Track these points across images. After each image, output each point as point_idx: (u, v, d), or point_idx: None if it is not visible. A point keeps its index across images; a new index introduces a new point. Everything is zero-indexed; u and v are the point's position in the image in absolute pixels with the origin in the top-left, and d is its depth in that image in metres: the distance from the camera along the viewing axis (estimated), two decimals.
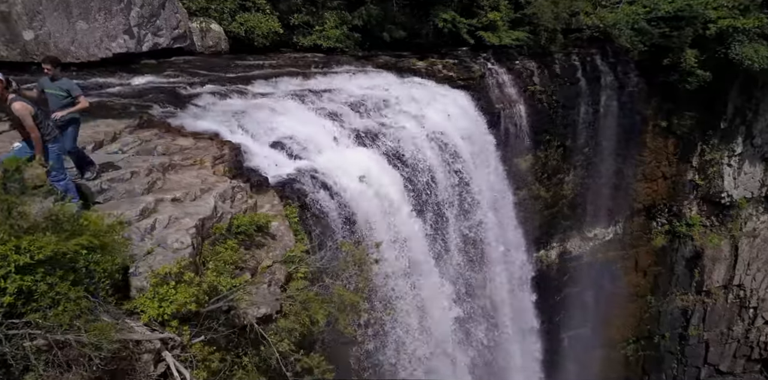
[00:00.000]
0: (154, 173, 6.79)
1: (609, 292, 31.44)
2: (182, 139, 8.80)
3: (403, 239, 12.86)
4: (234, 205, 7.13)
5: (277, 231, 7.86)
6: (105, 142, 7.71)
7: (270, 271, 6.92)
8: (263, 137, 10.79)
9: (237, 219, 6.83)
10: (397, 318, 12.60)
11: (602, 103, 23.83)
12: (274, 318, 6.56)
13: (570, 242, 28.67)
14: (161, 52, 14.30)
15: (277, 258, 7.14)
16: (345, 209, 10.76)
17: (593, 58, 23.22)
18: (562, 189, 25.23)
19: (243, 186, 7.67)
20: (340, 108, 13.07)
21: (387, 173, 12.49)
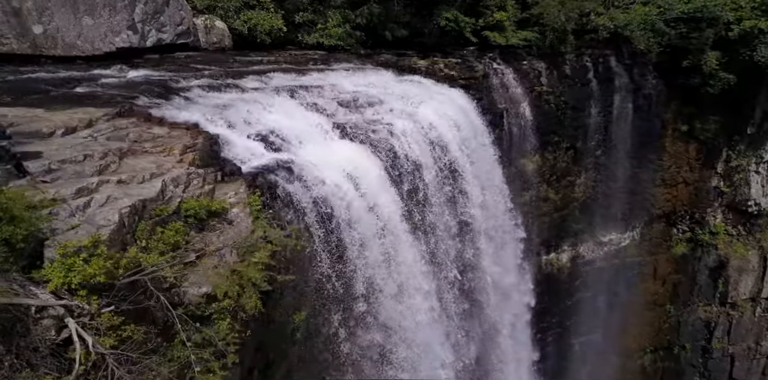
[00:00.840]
0: (109, 157, 7.22)
1: (624, 299, 30.85)
2: (158, 128, 9.24)
3: (391, 235, 13.08)
4: (188, 190, 7.48)
5: (236, 217, 8.21)
6: (79, 128, 8.19)
7: (219, 254, 7.25)
8: (244, 129, 11.15)
9: (186, 203, 7.19)
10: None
11: (615, 105, 23.47)
12: (219, 298, 6.89)
13: (583, 246, 28.32)
14: (165, 48, 14.89)
15: (228, 243, 7.48)
16: (321, 200, 11.04)
17: (607, 60, 22.89)
18: (573, 191, 24.94)
19: (201, 172, 8.02)
20: (329, 104, 13.36)
21: (371, 167, 12.70)
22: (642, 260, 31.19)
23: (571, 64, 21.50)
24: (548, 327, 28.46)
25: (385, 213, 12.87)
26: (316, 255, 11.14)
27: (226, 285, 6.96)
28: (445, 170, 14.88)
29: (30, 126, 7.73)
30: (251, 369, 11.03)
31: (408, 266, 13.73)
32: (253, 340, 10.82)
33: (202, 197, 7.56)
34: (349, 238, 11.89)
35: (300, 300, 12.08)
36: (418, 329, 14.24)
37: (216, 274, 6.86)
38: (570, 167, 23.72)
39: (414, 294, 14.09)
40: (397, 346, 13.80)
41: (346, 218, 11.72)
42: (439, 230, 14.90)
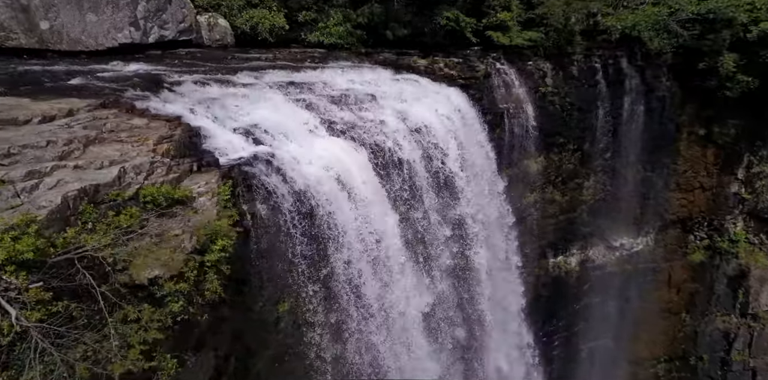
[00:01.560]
0: (73, 144, 7.59)
1: (636, 306, 30.35)
2: (138, 119, 9.62)
3: (378, 232, 13.25)
4: (150, 178, 7.81)
5: (202, 206, 8.51)
6: (57, 117, 8.62)
7: (177, 239, 7.55)
8: (229, 123, 11.48)
9: (145, 190, 7.52)
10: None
11: (625, 108, 23.16)
12: (175, 281, 7.20)
13: (593, 250, 28.00)
14: (168, 44, 15.39)
15: (188, 229, 7.78)
16: (300, 193, 11.28)
17: (618, 61, 22.61)
18: (581, 194, 24.69)
19: (167, 161, 8.34)
20: (319, 100, 13.60)
21: (356, 163, 12.90)
22: (656, 266, 30.60)
23: (579, 65, 21.31)
24: (555, 331, 28.21)
25: (370, 209, 13.06)
26: (293, 247, 11.38)
27: (180, 268, 7.26)
28: (435, 168, 14.98)
29: (9, 113, 8.18)
30: (227, 356, 11.38)
31: (393, 263, 13.91)
32: (229, 327, 11.20)
33: (164, 185, 7.88)
34: (330, 234, 12.11)
35: (284, 291, 12.37)
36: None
37: (171, 258, 7.16)
38: (577, 169, 23.49)
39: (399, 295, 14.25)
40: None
41: (326, 212, 11.94)
42: (429, 228, 15.00)
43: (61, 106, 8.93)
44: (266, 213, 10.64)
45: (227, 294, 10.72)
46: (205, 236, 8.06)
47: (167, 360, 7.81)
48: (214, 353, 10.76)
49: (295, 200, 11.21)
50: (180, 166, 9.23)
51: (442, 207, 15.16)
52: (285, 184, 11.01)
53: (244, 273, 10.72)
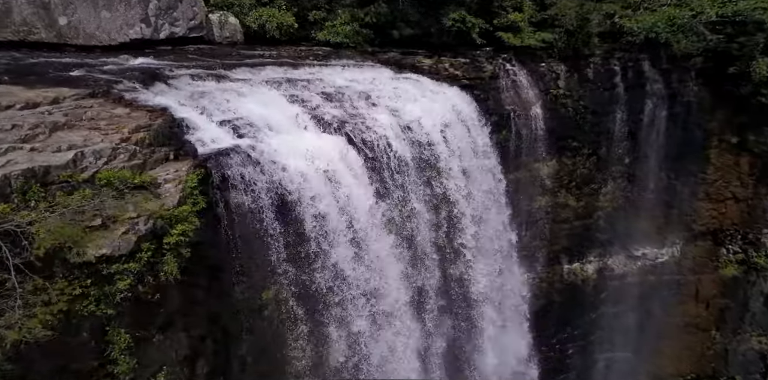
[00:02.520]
0: (39, 128, 8.20)
1: (659, 319, 29.31)
2: (120, 109, 10.23)
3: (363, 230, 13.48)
4: (111, 163, 8.33)
5: (166, 192, 9.00)
6: (42, 104, 9.29)
7: (132, 222, 8.05)
8: (216, 115, 11.98)
9: (102, 174, 8.05)
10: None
11: (646, 113, 22.48)
12: (123, 260, 7.70)
13: (612, 258, 27.26)
14: (179, 40, 16.14)
15: (145, 213, 8.27)
16: (278, 185, 11.67)
17: (639, 64, 21.97)
18: (597, 200, 24.14)
19: (132, 148, 8.86)
20: (312, 96, 13.97)
21: (342, 158, 13.19)
22: (682, 279, 29.46)
23: (596, 68, 20.88)
24: (569, 339, 27.66)
25: (354, 205, 13.31)
26: (271, 238, 11.76)
27: (130, 249, 7.75)
28: (426, 166, 15.09)
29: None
30: (203, 338, 11.89)
31: (378, 261, 14.07)
32: (204, 311, 11.70)
33: (124, 170, 8.40)
34: (310, 227, 12.42)
35: (266, 279, 12.77)
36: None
37: (122, 239, 7.66)
38: (593, 174, 22.99)
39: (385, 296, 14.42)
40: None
41: (307, 205, 12.27)
42: (418, 227, 15.10)
43: (48, 94, 9.63)
44: (240, 203, 11.07)
45: (201, 279, 11.29)
46: (162, 220, 8.53)
47: (120, 335, 8.33)
48: (186, 334, 11.28)
49: (273, 191, 11.59)
50: (154, 154, 9.78)
51: (431, 202, 15.24)
52: (262, 174, 11.41)
53: (218, 260, 11.18)
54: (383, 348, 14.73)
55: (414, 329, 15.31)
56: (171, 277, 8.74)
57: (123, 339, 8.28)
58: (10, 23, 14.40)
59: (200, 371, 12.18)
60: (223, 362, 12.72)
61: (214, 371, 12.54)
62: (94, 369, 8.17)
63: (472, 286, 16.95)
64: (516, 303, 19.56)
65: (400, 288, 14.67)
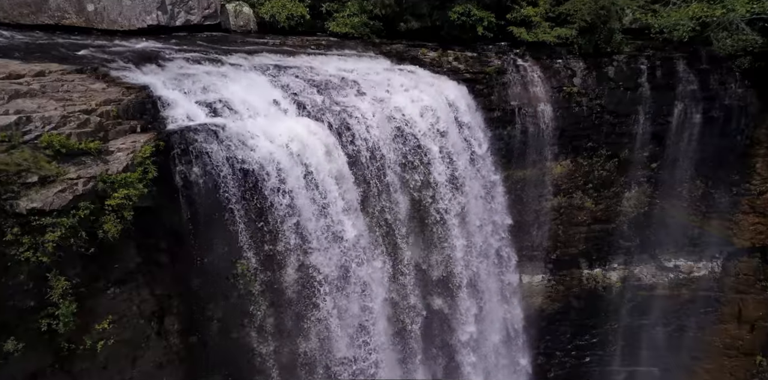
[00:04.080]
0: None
1: (693, 337, 27.76)
2: (99, 84, 11.39)
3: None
4: (60, 129, 9.41)
5: (115, 160, 10.03)
6: (26, 76, 10.58)
7: (71, 182, 9.12)
8: (196, 96, 12.93)
9: (44, 137, 9.14)
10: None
11: (675, 115, 21.32)
12: (55, 215, 8.78)
13: (640, 267, 26.13)
14: (194, 28, 17.40)
15: (86, 175, 9.32)
16: (244, 164, 12.43)
17: (672, 63, 20.85)
18: (620, 204, 23.25)
19: (84, 118, 9.90)
20: (299, 83, 14.64)
21: (318, 142, 13.76)
22: (722, 297, 27.65)
23: (618, 66, 20.10)
24: (587, 347, 26.86)
25: (327, 188, 13.86)
26: (231, 212, 12.52)
27: (64, 205, 8.82)
28: (408, 157, 15.35)
29: None
30: (169, 296, 12.97)
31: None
32: (168, 272, 12.73)
33: (72, 137, 9.48)
34: (277, 208, 13.07)
35: (237, 251, 13.59)
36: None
37: (56, 196, 8.74)
38: (614, 178, 22.15)
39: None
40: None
41: (275, 186, 12.94)
42: (396, 216, 15.38)
43: (35, 68, 10.95)
44: (202, 177, 11.94)
45: (162, 242, 12.33)
46: (104, 183, 9.56)
47: (59, 281, 9.46)
48: (149, 291, 12.39)
49: (237, 168, 12.37)
50: (119, 126, 10.88)
51: (410, 192, 15.50)
52: (227, 152, 12.21)
53: (178, 227, 12.14)
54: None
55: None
56: (111, 235, 9.74)
57: (61, 285, 9.37)
58: (47, 9, 16.20)
59: (171, 327, 13.33)
60: (197, 323, 13.74)
61: (188, 329, 13.63)
62: (34, 308, 9.33)
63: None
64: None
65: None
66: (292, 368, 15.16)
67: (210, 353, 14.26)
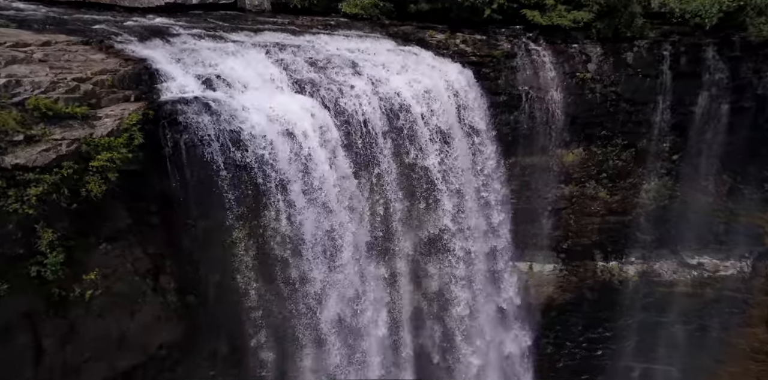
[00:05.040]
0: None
1: (716, 338, 26.82)
2: (99, 55, 12.25)
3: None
4: (48, 94, 10.28)
5: (102, 125, 10.88)
6: (32, 45, 11.53)
7: (55, 143, 10.01)
8: (194, 70, 13.66)
9: (31, 100, 10.02)
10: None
11: (699, 104, 20.45)
12: (38, 172, 9.71)
13: (660, 263, 25.39)
14: (211, 6, 18.18)
15: (70, 137, 10.19)
16: (234, 136, 13.09)
17: (701, 50, 19.94)
18: (638, 196, 22.65)
19: (73, 84, 10.75)
20: (297, 61, 15.13)
21: (311, 119, 14.23)
22: (750, 298, 26.51)
23: (638, 52, 19.44)
24: (599, 340, 26.45)
25: (316, 166, 14.32)
26: (221, 182, 13.20)
27: (47, 163, 9.73)
28: (401, 137, 15.57)
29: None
30: (162, 255, 13.90)
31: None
32: (161, 233, 13.62)
33: (60, 101, 10.36)
34: (265, 179, 13.66)
35: (230, 219, 14.33)
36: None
37: (40, 154, 9.65)
38: (631, 168, 21.57)
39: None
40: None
41: (263, 160, 13.51)
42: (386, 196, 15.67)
43: (43, 38, 11.93)
44: (191, 146, 12.64)
45: (153, 205, 13.22)
46: (88, 146, 10.43)
47: (46, 233, 10.43)
48: (142, 250, 13.35)
49: (227, 139, 13.03)
50: (113, 94, 11.76)
51: (400, 172, 15.77)
52: (216, 123, 12.87)
53: (168, 192, 12.96)
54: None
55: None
56: (94, 195, 10.64)
57: (48, 236, 10.34)
58: None
59: (167, 286, 14.27)
60: (193, 283, 14.62)
61: (184, 289, 14.54)
62: (22, 256, 10.35)
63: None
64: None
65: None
66: (282, 330, 15.83)
67: (208, 313, 15.15)
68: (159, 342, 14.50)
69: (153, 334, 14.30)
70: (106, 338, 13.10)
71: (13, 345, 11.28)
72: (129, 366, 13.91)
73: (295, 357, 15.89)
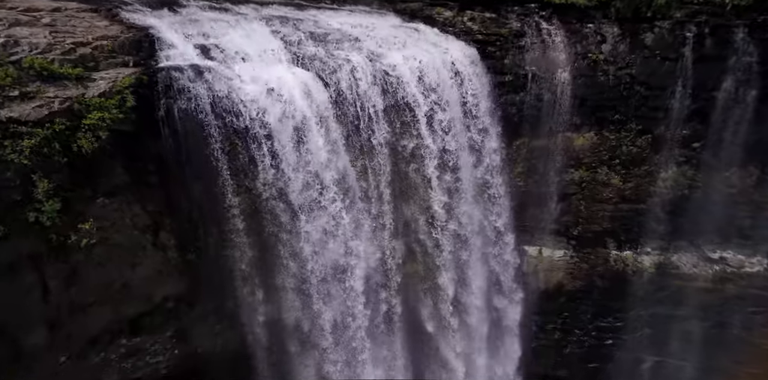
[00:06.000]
0: (1, 22, 11.30)
1: (737, 337, 25.94)
2: (104, 22, 13.12)
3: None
4: (45, 55, 11.20)
5: (96, 86, 11.79)
6: (43, 10, 12.43)
7: (48, 100, 10.99)
8: (195, 39, 14.39)
9: (27, 59, 10.98)
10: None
11: (724, 89, 19.47)
12: (30, 125, 10.72)
13: (678, 255, 24.74)
14: None
15: (63, 96, 11.13)
16: (226, 103, 13.78)
17: (730, 31, 18.91)
18: (653, 184, 22.05)
19: (69, 46, 11.64)
20: (298, 34, 15.62)
21: (305, 91, 14.73)
22: None
23: (659, 33, 18.70)
24: (609, 329, 26.17)
25: (308, 134, 14.88)
26: (216, 151, 13.95)
27: (39, 118, 10.72)
28: (396, 114, 15.81)
29: (7, 4, 12.38)
30: (161, 213, 14.87)
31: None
32: (159, 192, 14.56)
33: (55, 62, 11.31)
34: (257, 147, 14.29)
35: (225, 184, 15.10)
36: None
37: (33, 110, 10.65)
38: (647, 155, 20.97)
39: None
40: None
41: (256, 128, 14.14)
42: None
43: (54, 4, 12.93)
44: (183, 112, 13.38)
45: (150, 165, 14.14)
46: (80, 105, 11.37)
47: (42, 182, 11.48)
48: (140, 206, 14.35)
49: (219, 108, 13.71)
50: (112, 59, 12.65)
51: (393, 147, 16.07)
52: (210, 91, 13.57)
53: (163, 154, 13.82)
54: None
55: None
56: (85, 151, 11.62)
57: (44, 185, 11.40)
58: None
59: (167, 242, 15.22)
60: (193, 242, 15.56)
61: (185, 246, 15.47)
62: (21, 202, 11.45)
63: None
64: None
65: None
66: (275, 290, 16.61)
67: (208, 270, 16.08)
68: (163, 294, 15.56)
69: (156, 286, 15.32)
70: (109, 285, 14.20)
71: (21, 282, 12.43)
72: (136, 313, 15.09)
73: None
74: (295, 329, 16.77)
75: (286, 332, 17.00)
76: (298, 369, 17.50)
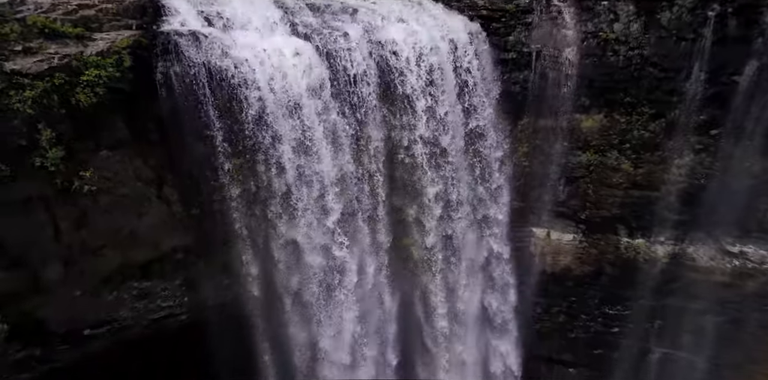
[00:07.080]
0: None
1: (752, 334, 25.04)
2: None
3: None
4: (47, 14, 12.30)
5: (95, 45, 12.88)
6: None
7: (49, 55, 12.16)
8: (201, 8, 15.28)
9: (31, 18, 12.11)
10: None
11: (746, 74, 18.45)
12: (32, 78, 11.94)
13: (695, 247, 24.00)
14: None
15: (63, 52, 12.27)
16: (221, 69, 14.61)
17: (758, 11, 17.81)
18: (667, 171, 21.40)
19: (72, 8, 12.67)
20: (299, 5, 16.22)
21: (299, 60, 15.36)
22: None
23: (678, 12, 17.90)
24: (617, 317, 25.90)
25: (301, 105, 15.52)
26: (208, 113, 14.85)
27: (40, 71, 11.93)
28: (390, 87, 16.12)
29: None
30: (163, 167, 15.99)
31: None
32: (159, 149, 15.64)
33: (57, 21, 12.44)
34: (249, 114, 15.06)
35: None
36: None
37: (34, 63, 11.85)
38: (660, 140, 20.32)
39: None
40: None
41: (249, 94, 14.89)
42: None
43: None
44: (179, 75, 14.29)
45: (150, 124, 15.23)
46: (78, 61, 12.50)
47: (46, 130, 12.75)
48: (142, 160, 15.52)
49: (215, 73, 14.54)
50: (116, 22, 13.72)
51: (384, 120, 16.47)
52: (207, 56, 14.41)
53: (161, 113, 14.86)
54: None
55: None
56: (83, 105, 12.79)
57: (47, 134, 12.66)
58: None
59: (171, 197, 16.36)
60: (196, 198, 16.63)
61: (188, 202, 16.47)
62: (26, 147, 12.73)
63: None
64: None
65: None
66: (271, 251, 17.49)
67: (210, 226, 17.14)
68: (171, 244, 16.72)
69: (163, 236, 16.41)
70: (117, 231, 15.42)
71: (35, 219, 13.72)
72: (145, 259, 16.38)
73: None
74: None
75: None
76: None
